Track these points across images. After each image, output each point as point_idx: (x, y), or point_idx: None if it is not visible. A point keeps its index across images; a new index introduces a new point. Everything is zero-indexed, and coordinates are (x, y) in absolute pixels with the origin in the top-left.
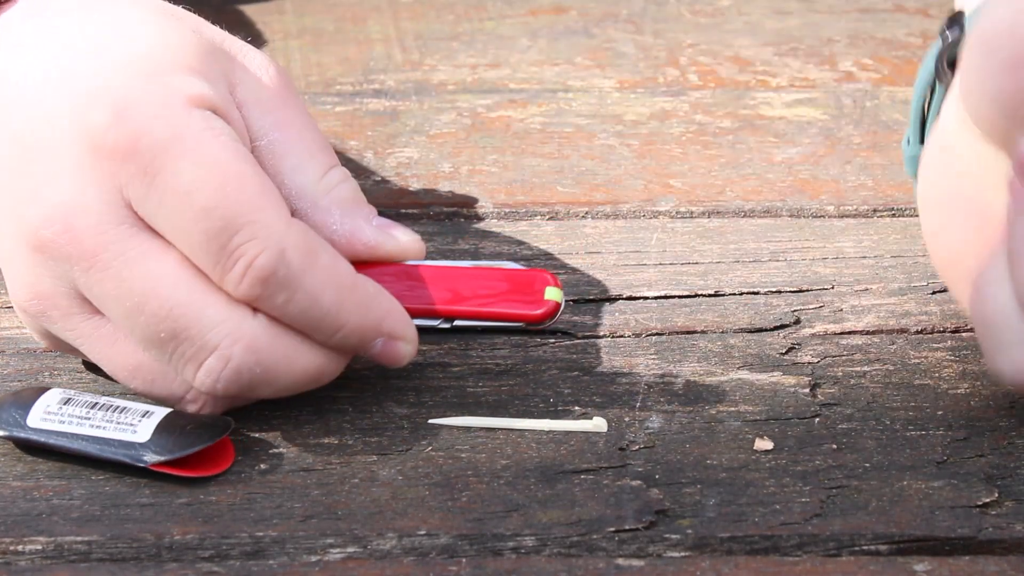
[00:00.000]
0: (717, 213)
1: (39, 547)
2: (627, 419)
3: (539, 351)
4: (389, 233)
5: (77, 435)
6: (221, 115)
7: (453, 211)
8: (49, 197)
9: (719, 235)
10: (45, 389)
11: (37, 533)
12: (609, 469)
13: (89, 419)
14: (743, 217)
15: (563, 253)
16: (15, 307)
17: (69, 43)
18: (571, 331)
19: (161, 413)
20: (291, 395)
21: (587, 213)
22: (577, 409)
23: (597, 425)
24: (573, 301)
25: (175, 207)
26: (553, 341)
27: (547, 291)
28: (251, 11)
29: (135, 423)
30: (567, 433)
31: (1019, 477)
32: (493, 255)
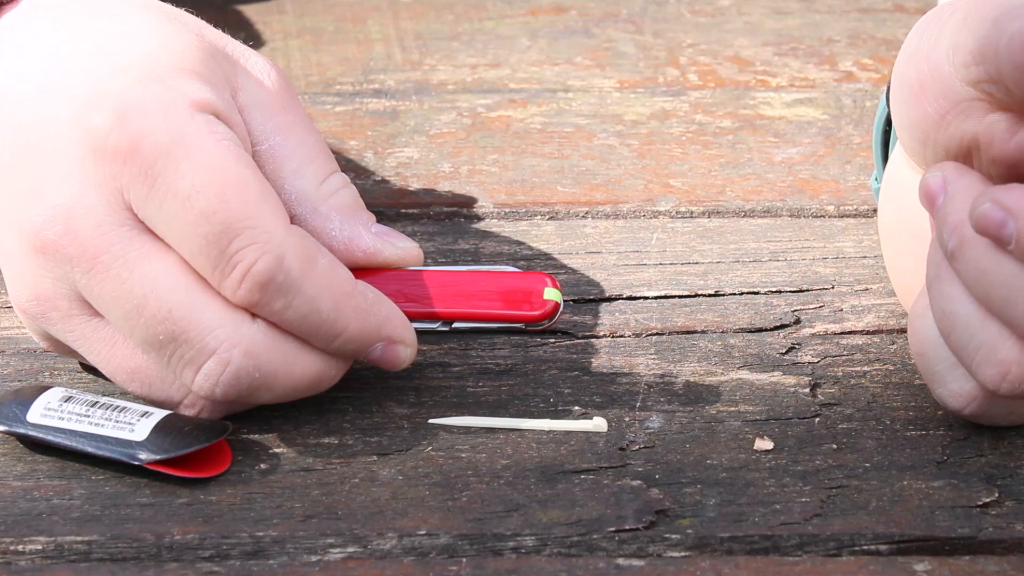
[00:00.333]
0: (717, 213)
1: (39, 547)
2: (627, 419)
3: (539, 351)
4: (388, 240)
5: (75, 432)
6: (223, 119)
7: (453, 211)
8: (51, 199)
9: (719, 235)
10: (47, 387)
11: (37, 533)
12: (609, 469)
13: (88, 417)
14: (743, 217)
15: (563, 253)
16: (15, 308)
17: (71, 45)
18: (571, 331)
19: (160, 414)
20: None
21: (587, 213)
22: (577, 409)
23: (597, 425)
24: (573, 301)
25: (175, 211)
26: (553, 341)
27: (546, 291)
28: (251, 11)
29: (133, 422)
30: (567, 433)
31: (1019, 477)
32: (493, 255)
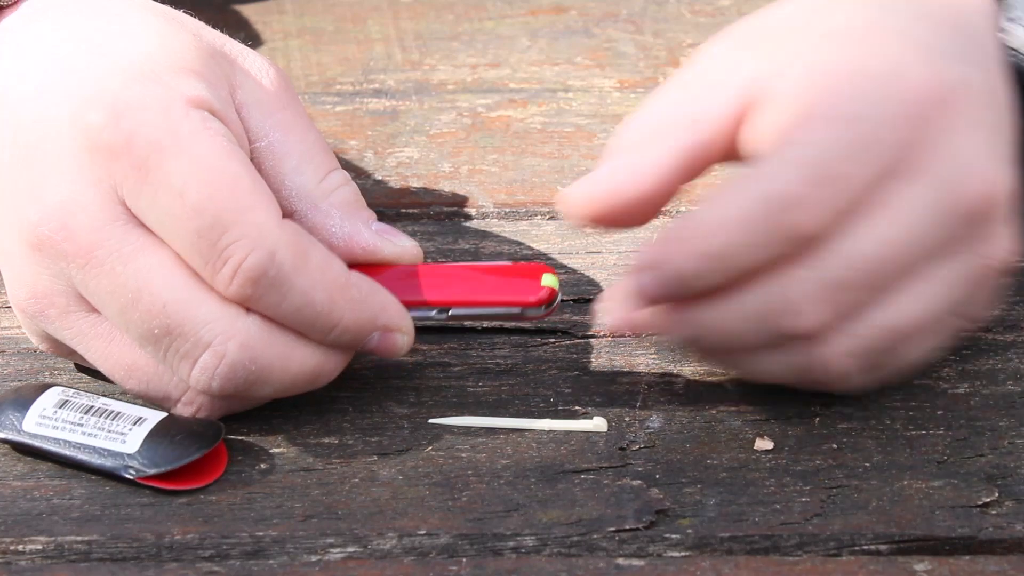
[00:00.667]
0: None
1: (39, 547)
2: (627, 419)
3: (539, 351)
4: (388, 238)
5: (69, 442)
6: (219, 116)
7: (453, 211)
8: (47, 196)
9: None
10: (45, 387)
11: (37, 533)
12: (609, 469)
13: (82, 426)
14: None
15: (563, 253)
16: (14, 307)
17: (71, 45)
18: (571, 331)
19: (154, 420)
20: (290, 396)
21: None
22: (577, 409)
23: (597, 425)
24: (573, 301)
25: (167, 205)
26: (553, 341)
27: (544, 278)
28: (251, 11)
29: (125, 432)
30: (567, 433)
31: (1019, 477)
32: (493, 255)
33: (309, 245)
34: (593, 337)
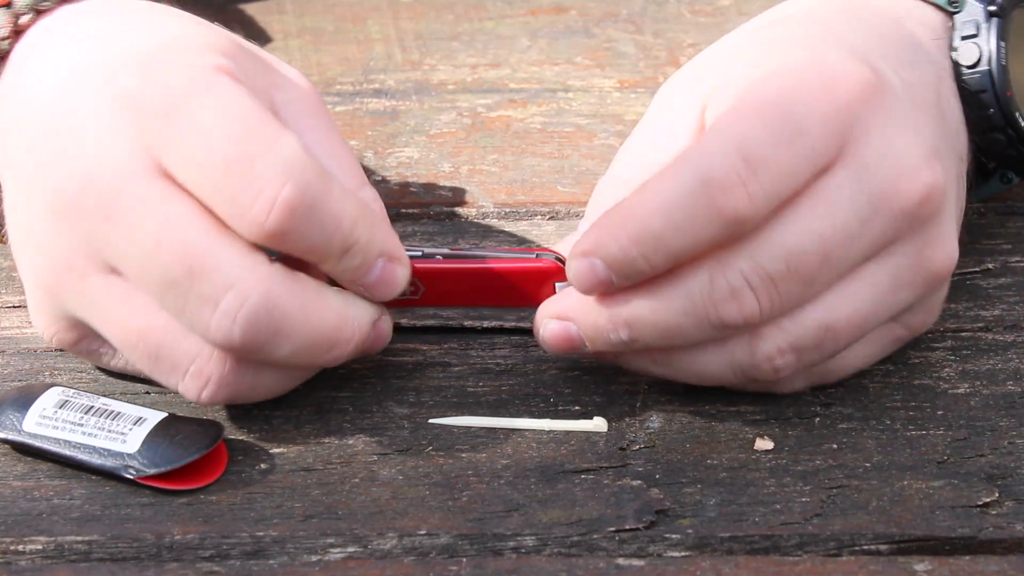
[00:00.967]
0: None
1: (39, 547)
2: (627, 419)
3: (539, 351)
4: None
5: (69, 442)
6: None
7: (453, 211)
8: (74, 157)
9: None
10: (45, 387)
11: (37, 533)
12: (609, 469)
13: (82, 426)
14: None
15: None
16: (31, 287)
17: (105, 35)
18: None
19: (154, 419)
20: (290, 395)
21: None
22: (577, 409)
23: (597, 425)
24: None
25: (197, 145)
26: None
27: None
28: (251, 11)
29: (126, 432)
30: (567, 433)
31: (1019, 477)
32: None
33: (329, 172)
34: None
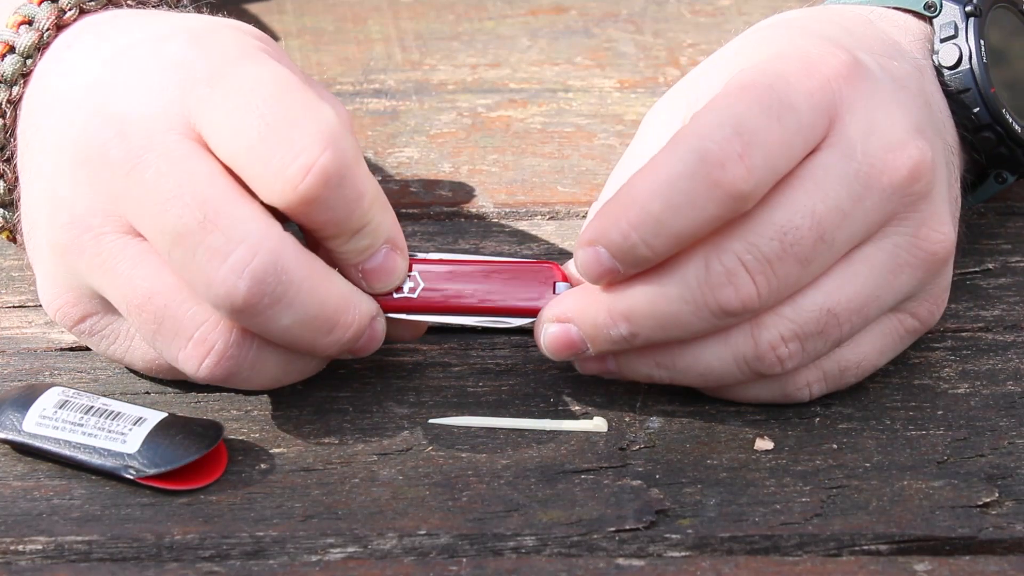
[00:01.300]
0: None
1: (39, 547)
2: (627, 419)
3: (539, 351)
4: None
5: (69, 442)
6: None
7: (453, 211)
8: (111, 108)
9: None
10: (46, 387)
11: (37, 533)
12: (609, 469)
13: (82, 426)
14: None
15: (563, 253)
16: (47, 250)
17: (150, 22)
18: None
19: (154, 420)
20: (290, 397)
21: (587, 213)
22: (577, 409)
23: (597, 425)
24: None
25: (239, 104)
26: None
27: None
28: (251, 11)
29: (126, 432)
30: (567, 433)
31: (1019, 477)
32: (493, 255)
33: (359, 147)
34: None
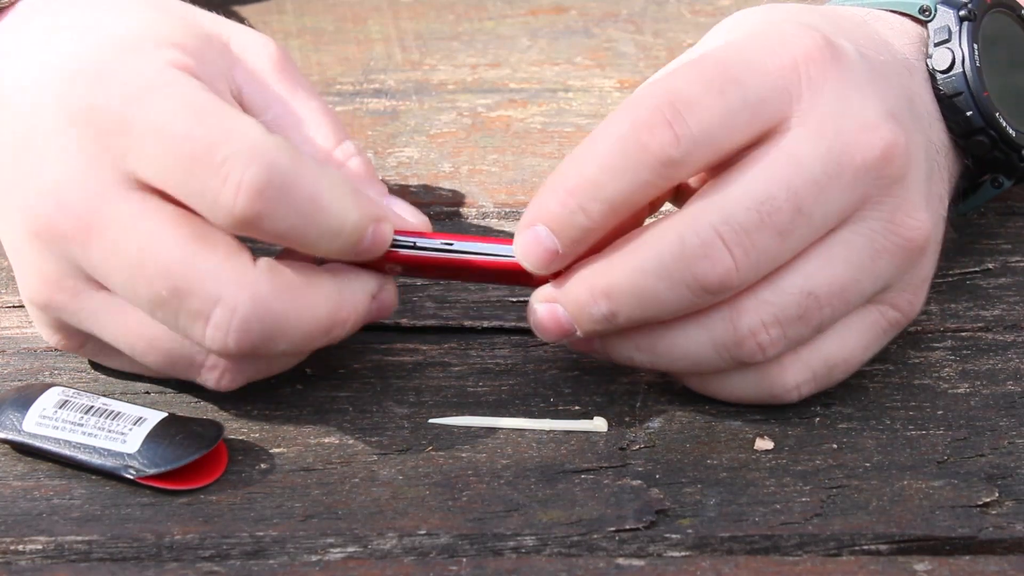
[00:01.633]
0: None
1: (39, 547)
2: (627, 419)
3: (539, 351)
4: (398, 212)
5: (69, 442)
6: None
7: (453, 211)
8: (41, 178)
9: None
10: (45, 387)
11: (37, 533)
12: (609, 469)
13: (82, 426)
14: None
15: None
16: (27, 302)
17: (62, 34)
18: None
19: (154, 419)
20: (290, 397)
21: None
22: (577, 409)
23: (597, 425)
24: None
25: (157, 147)
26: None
27: None
28: (251, 11)
29: (126, 432)
30: (567, 433)
31: (1019, 477)
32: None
33: (299, 149)
34: None
